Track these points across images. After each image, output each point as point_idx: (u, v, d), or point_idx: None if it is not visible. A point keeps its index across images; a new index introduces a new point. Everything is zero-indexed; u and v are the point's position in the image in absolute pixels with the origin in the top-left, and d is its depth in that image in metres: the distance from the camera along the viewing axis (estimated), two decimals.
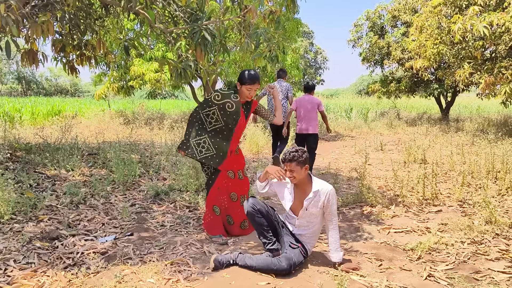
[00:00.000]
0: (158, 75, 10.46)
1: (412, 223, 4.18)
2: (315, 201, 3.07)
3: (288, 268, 2.91)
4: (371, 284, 2.82)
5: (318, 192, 3.06)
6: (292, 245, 3.09)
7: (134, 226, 4.03)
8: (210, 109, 3.73)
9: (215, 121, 3.74)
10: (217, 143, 3.71)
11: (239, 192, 3.90)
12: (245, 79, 3.67)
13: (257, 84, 3.69)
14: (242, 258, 3.06)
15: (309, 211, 3.09)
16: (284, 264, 2.91)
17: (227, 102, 3.68)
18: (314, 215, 3.11)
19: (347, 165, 7.65)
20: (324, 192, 3.05)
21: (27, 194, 4.40)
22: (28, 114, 13.40)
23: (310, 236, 3.19)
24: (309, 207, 3.09)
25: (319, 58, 25.88)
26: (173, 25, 5.11)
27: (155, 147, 8.02)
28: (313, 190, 3.07)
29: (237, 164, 3.90)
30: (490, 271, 3.02)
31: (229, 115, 3.70)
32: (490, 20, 8.05)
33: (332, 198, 3.05)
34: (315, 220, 3.13)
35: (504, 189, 5.08)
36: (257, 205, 3.16)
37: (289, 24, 11.17)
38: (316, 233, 3.21)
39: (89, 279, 2.84)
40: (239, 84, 3.74)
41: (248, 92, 3.71)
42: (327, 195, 3.04)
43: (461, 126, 12.85)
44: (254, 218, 3.17)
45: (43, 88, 50.18)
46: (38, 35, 3.81)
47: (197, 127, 3.78)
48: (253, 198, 3.23)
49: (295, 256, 2.99)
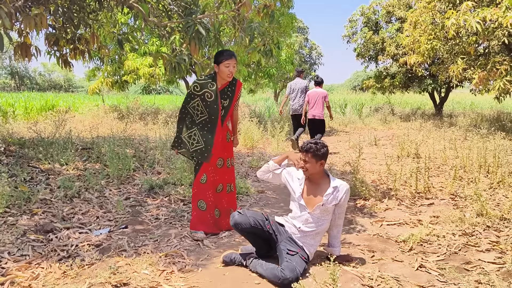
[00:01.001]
0: (152, 69, 10.43)
1: (405, 216, 4.23)
2: (333, 197, 2.97)
3: (294, 279, 2.65)
4: (363, 274, 2.85)
5: (337, 188, 2.98)
6: (290, 252, 2.90)
7: (128, 219, 4.04)
8: (194, 101, 3.70)
9: (201, 113, 3.71)
10: (204, 135, 3.68)
11: (225, 181, 3.89)
12: (222, 56, 3.61)
13: (234, 59, 3.62)
14: (254, 265, 2.94)
15: (325, 207, 2.97)
16: (289, 275, 2.67)
17: (206, 92, 3.65)
18: (328, 211, 3.00)
19: (341, 159, 7.69)
20: (343, 188, 2.98)
21: (21, 188, 4.40)
22: (21, 109, 13.32)
23: (313, 237, 3.01)
24: (327, 203, 2.97)
25: (314, 53, 25.88)
26: (167, 19, 5.10)
27: (150, 141, 8.01)
28: (332, 186, 2.98)
29: (227, 151, 3.89)
30: (481, 261, 3.07)
31: (210, 105, 3.66)
32: (483, 15, 8.08)
33: (347, 195, 3.01)
34: (326, 218, 3.01)
35: (495, 183, 5.14)
36: (240, 224, 2.94)
37: (283, 19, 11.17)
38: (320, 234, 3.05)
39: (84, 271, 2.86)
40: (216, 66, 3.66)
41: (227, 69, 3.61)
42: (345, 192, 2.98)
43: (455, 121, 12.94)
44: (241, 235, 3.09)
45: (36, 83, 49.83)
46: (31, 28, 3.79)
47: (187, 121, 3.77)
48: (238, 215, 2.98)
49: (297, 265, 2.78)
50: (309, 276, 2.84)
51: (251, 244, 3.12)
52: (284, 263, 2.80)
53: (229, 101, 3.81)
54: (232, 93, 3.80)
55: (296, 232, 3.03)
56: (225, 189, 3.90)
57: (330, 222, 3.08)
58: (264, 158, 7.58)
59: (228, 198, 3.93)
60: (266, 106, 18.30)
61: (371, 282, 2.74)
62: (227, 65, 3.60)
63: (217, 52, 3.69)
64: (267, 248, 3.07)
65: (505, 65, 8.62)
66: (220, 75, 3.69)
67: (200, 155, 3.67)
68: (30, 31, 4.17)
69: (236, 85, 3.84)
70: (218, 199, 3.86)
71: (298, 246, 2.98)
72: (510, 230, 3.61)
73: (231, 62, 3.61)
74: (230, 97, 3.81)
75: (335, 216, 3.06)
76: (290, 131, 10.48)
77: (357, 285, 2.66)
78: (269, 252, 3.08)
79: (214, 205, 3.82)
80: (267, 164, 3.30)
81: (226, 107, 3.81)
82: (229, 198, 3.94)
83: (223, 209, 3.88)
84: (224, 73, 3.64)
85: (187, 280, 2.82)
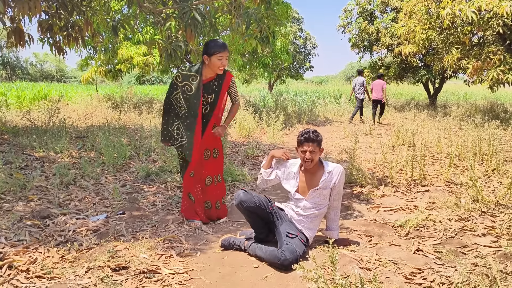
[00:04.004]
0: (147, 58, 10.33)
1: (401, 202, 4.25)
2: (327, 180, 2.99)
3: (294, 260, 2.66)
4: (361, 257, 2.87)
5: (331, 172, 3.00)
6: (290, 234, 2.90)
7: (125, 205, 4.03)
8: (176, 92, 3.49)
9: (181, 106, 3.49)
10: (185, 131, 3.49)
11: (213, 173, 3.74)
12: (215, 48, 3.32)
13: (226, 51, 3.36)
14: (253, 248, 2.95)
15: (319, 191, 3.00)
16: (289, 256, 2.69)
17: (186, 85, 3.41)
18: (324, 196, 3.03)
19: (337, 148, 7.71)
20: (337, 171, 3.00)
21: (16, 175, 4.36)
22: (14, 98, 13.18)
23: (311, 221, 3.05)
24: (322, 186, 3.00)
25: (309, 44, 25.77)
26: (162, 5, 5.04)
27: (145, 130, 7.97)
28: (326, 171, 3.00)
29: (214, 141, 3.69)
30: (477, 245, 3.10)
31: (189, 99, 3.42)
32: (479, 5, 8.09)
33: (342, 177, 3.03)
34: (323, 202, 3.04)
35: (490, 170, 5.18)
36: (245, 202, 2.95)
37: (278, 8, 11.09)
38: (319, 218, 3.08)
39: (82, 255, 2.85)
40: (207, 57, 3.36)
41: (220, 62, 3.35)
42: (339, 174, 3.00)
43: (448, 111, 13.00)
44: (244, 214, 3.08)
45: (28, 74, 49.27)
46: (25, 13, 3.73)
47: (172, 113, 3.57)
48: (243, 193, 3.00)
49: (297, 247, 2.81)
50: (309, 258, 2.85)
51: (251, 225, 3.13)
52: (284, 245, 2.81)
53: (214, 96, 3.52)
54: (218, 87, 3.52)
55: (295, 215, 3.06)
56: (213, 181, 3.76)
57: (328, 205, 3.10)
58: (260, 147, 7.58)
59: (217, 189, 3.81)
60: (261, 96, 18.26)
61: (369, 265, 2.76)
62: (220, 57, 3.34)
63: (208, 42, 3.39)
64: (266, 232, 3.08)
65: (499, 55, 8.66)
66: (210, 67, 3.42)
67: (184, 151, 3.54)
68: (23, 16, 4.11)
69: (225, 78, 3.54)
70: (208, 192, 3.76)
71: (297, 230, 3.00)
72: (505, 215, 3.65)
73: (224, 55, 3.35)
74: (216, 91, 3.52)
75: (332, 198, 3.08)
76: (285, 120, 10.53)
77: (356, 268, 2.68)
78: (267, 237, 3.09)
79: (203, 199, 3.74)
80: (260, 174, 3.30)
81: (211, 103, 3.55)
82: (218, 189, 3.81)
83: (214, 201, 3.80)
84: (215, 66, 3.38)
85: (186, 264, 2.82)
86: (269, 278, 2.64)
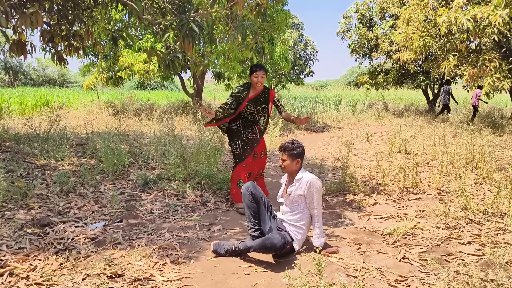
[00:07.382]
0: (147, 66, 10.48)
1: (392, 210, 4.36)
2: (296, 187, 3.28)
3: (282, 242, 3.00)
4: (348, 265, 2.98)
5: (300, 180, 3.28)
6: (280, 229, 3.25)
7: (123, 213, 4.14)
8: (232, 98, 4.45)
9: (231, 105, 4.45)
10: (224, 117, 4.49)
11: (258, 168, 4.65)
12: (252, 69, 4.32)
13: (262, 71, 4.30)
14: (244, 243, 3.21)
15: (291, 197, 3.31)
16: (278, 236, 3.02)
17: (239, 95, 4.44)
18: (296, 203, 3.30)
19: (333, 155, 7.82)
20: (305, 180, 3.25)
21: (18, 183, 4.48)
22: (16, 104, 13.32)
23: (295, 223, 3.25)
24: (292, 193, 3.31)
25: (309, 49, 25.90)
26: (161, 17, 5.17)
27: (144, 137, 8.09)
28: (296, 178, 3.31)
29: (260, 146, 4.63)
30: (461, 253, 3.20)
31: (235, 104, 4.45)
32: (474, 13, 8.20)
33: (312, 187, 3.19)
34: (297, 208, 3.29)
35: (481, 178, 5.28)
36: (252, 189, 3.32)
37: (277, 15, 11.24)
38: (301, 223, 3.25)
39: (80, 262, 2.96)
40: (250, 77, 4.39)
41: (256, 79, 4.31)
42: (308, 183, 3.22)
43: (446, 117, 13.10)
44: (246, 200, 3.34)
45: (30, 79, 49.52)
46: (27, 26, 3.86)
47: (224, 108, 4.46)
48: (251, 183, 3.39)
49: (285, 236, 3.14)
50: (295, 266, 2.96)
51: (248, 217, 3.35)
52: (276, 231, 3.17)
53: (265, 106, 4.51)
54: (266, 99, 4.50)
55: (280, 217, 3.41)
56: (258, 174, 4.68)
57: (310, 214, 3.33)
58: None
59: (259, 181, 4.68)
60: None
61: (355, 273, 2.86)
62: (256, 76, 4.32)
63: (251, 66, 4.41)
64: (260, 231, 3.30)
65: (495, 63, 8.75)
66: (252, 85, 4.42)
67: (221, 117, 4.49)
68: (26, 28, 4.23)
69: (269, 93, 4.54)
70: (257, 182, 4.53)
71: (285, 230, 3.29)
72: (492, 224, 3.75)
73: (259, 74, 4.32)
74: (266, 102, 4.51)
75: (308, 206, 3.29)
76: (283, 127, 10.66)
77: (342, 276, 2.79)
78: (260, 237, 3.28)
79: None
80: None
81: (261, 111, 4.51)
82: (259, 181, 4.70)
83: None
84: (253, 82, 4.37)
85: (180, 272, 2.93)
86: (258, 285, 2.75)
